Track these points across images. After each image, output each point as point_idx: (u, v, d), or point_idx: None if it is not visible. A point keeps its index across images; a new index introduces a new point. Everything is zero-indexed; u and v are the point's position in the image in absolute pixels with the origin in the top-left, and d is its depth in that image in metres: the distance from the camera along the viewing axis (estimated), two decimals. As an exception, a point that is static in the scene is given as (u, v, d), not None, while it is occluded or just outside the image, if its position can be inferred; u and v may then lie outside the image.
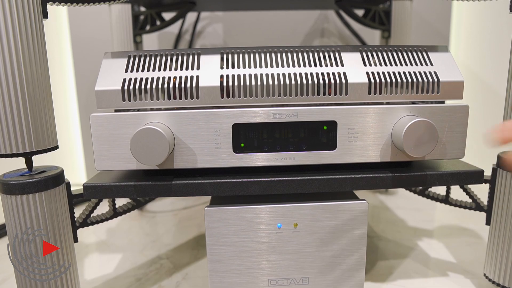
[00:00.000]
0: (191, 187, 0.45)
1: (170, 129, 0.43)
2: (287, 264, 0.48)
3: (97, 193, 0.45)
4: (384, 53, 0.48)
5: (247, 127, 0.44)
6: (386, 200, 0.92)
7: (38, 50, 0.42)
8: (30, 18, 0.41)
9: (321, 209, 0.47)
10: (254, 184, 0.46)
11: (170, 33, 1.01)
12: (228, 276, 0.48)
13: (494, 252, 0.51)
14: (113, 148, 0.44)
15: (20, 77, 0.41)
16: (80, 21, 0.99)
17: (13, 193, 0.42)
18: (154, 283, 0.58)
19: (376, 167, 0.48)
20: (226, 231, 0.47)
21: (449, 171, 0.47)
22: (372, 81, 0.45)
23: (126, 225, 0.81)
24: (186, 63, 0.47)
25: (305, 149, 0.45)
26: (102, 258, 0.66)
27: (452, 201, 0.58)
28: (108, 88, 0.44)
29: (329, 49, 0.49)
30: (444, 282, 0.56)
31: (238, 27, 1.03)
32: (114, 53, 0.47)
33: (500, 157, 0.49)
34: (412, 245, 0.68)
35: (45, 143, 0.44)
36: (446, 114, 0.45)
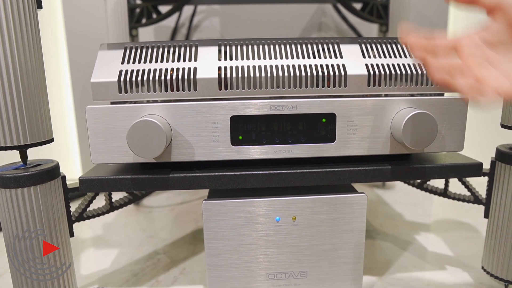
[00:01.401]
0: (188, 180, 0.45)
1: (168, 121, 0.43)
2: (286, 258, 0.48)
3: (93, 187, 0.45)
4: (383, 45, 0.48)
5: (245, 119, 0.44)
6: (384, 195, 0.92)
7: (33, 40, 0.41)
8: (24, 8, 0.40)
9: (320, 202, 0.47)
10: (252, 177, 0.45)
11: (166, 27, 1.00)
12: (226, 270, 0.48)
13: (492, 245, 0.51)
14: (110, 141, 0.43)
15: (14, 69, 0.40)
16: (75, 13, 0.97)
17: (7, 186, 0.42)
18: (151, 278, 0.57)
19: (375, 159, 0.48)
20: (224, 224, 0.46)
21: (448, 164, 0.47)
22: (372, 73, 0.45)
23: (123, 220, 0.80)
24: (183, 54, 0.46)
25: (303, 141, 0.45)
26: (99, 253, 0.66)
27: (450, 194, 0.58)
28: (104, 80, 0.43)
29: (328, 41, 0.48)
30: (442, 276, 0.56)
31: (235, 21, 1.03)
32: (110, 45, 0.47)
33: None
34: (410, 239, 0.68)
35: (40, 135, 0.43)
36: (445, 107, 0.45)
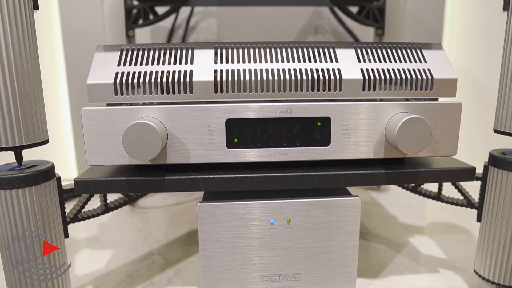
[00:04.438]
0: (183, 183, 0.45)
1: (163, 123, 0.43)
2: (280, 260, 0.48)
3: (88, 188, 0.45)
4: (378, 50, 0.48)
5: (240, 122, 0.44)
6: (378, 197, 0.93)
7: (29, 42, 0.41)
8: (20, 9, 0.40)
9: (314, 205, 0.47)
10: (247, 179, 0.45)
11: (163, 28, 1.00)
12: (220, 272, 0.48)
13: (484, 248, 0.51)
14: (105, 143, 0.43)
15: (9, 70, 0.40)
16: (72, 14, 0.97)
17: (2, 187, 0.42)
18: (145, 279, 0.57)
19: (369, 163, 0.48)
20: (218, 227, 0.47)
21: (442, 168, 0.47)
22: (367, 78, 0.45)
23: (118, 221, 0.80)
24: (179, 57, 0.46)
25: (298, 145, 0.45)
26: (93, 254, 0.66)
27: (444, 198, 0.59)
28: (100, 81, 0.43)
29: (324, 45, 0.48)
30: (435, 278, 0.57)
31: (232, 23, 1.03)
32: (107, 46, 0.47)
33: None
34: (404, 242, 0.68)
35: (35, 137, 0.43)
36: (439, 112, 0.45)
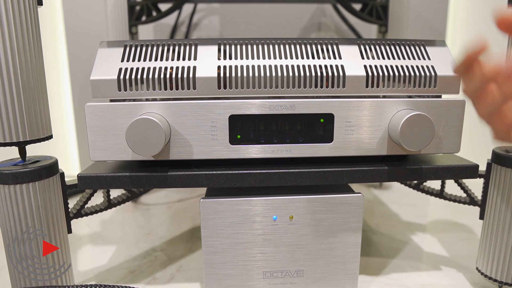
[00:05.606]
0: (186, 179, 0.45)
1: (166, 119, 0.43)
2: (282, 257, 0.48)
3: (91, 184, 0.45)
4: (381, 47, 0.48)
5: (243, 118, 0.44)
6: (381, 195, 0.93)
7: (33, 37, 0.41)
8: (24, 4, 0.40)
9: (317, 201, 0.47)
10: (250, 176, 0.45)
11: (166, 25, 1.00)
12: (223, 268, 0.48)
13: (487, 246, 0.51)
14: (108, 138, 0.43)
15: (14, 65, 0.40)
16: (75, 10, 0.97)
17: (6, 182, 0.42)
18: (148, 275, 0.57)
19: (372, 160, 0.48)
20: (221, 223, 0.47)
21: (445, 165, 0.47)
22: (370, 74, 0.45)
23: (120, 217, 0.80)
24: (183, 53, 0.46)
25: (301, 141, 0.45)
26: (96, 250, 0.66)
27: (446, 196, 0.59)
28: (104, 77, 0.43)
29: (327, 42, 0.48)
30: (437, 276, 0.57)
31: (235, 20, 1.03)
32: (110, 42, 0.47)
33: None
34: (406, 240, 0.68)
35: (39, 132, 0.43)
36: (443, 109, 0.45)
